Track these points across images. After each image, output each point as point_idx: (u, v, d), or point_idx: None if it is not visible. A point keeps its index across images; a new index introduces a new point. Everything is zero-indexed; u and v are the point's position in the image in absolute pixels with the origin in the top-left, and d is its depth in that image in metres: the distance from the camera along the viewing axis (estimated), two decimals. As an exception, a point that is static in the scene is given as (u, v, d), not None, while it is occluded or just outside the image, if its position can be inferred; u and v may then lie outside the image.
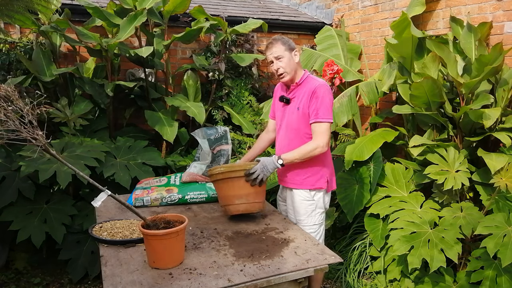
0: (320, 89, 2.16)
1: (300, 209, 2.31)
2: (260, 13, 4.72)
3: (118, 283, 1.52)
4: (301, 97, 2.22)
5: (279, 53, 2.19)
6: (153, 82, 3.97)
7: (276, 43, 2.20)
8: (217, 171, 2.08)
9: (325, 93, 2.16)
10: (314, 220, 2.33)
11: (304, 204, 2.31)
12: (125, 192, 2.95)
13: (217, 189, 2.18)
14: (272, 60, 2.22)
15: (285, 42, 2.21)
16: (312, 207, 2.31)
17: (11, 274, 3.13)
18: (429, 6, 3.53)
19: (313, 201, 2.32)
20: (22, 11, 2.75)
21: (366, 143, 3.26)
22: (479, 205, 2.70)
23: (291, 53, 2.21)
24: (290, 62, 2.21)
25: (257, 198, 2.12)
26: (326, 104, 2.15)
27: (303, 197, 2.31)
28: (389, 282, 3.00)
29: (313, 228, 2.33)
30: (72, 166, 1.56)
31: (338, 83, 3.62)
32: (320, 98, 2.15)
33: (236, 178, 2.07)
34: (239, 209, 2.09)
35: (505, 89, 2.71)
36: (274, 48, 2.19)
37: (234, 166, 2.09)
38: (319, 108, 2.14)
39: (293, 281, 1.67)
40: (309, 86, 2.21)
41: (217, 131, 2.61)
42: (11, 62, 3.45)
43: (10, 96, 1.39)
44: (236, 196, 2.08)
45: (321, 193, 2.33)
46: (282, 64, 2.19)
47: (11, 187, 2.95)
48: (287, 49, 2.20)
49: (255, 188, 2.10)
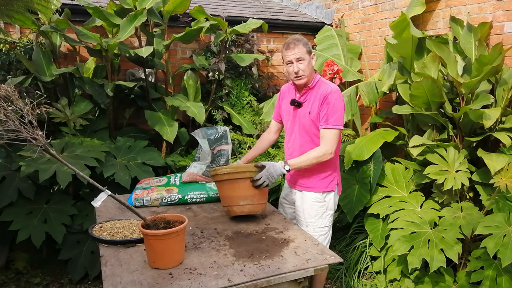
0: (332, 95, 2.14)
1: (312, 211, 2.31)
2: (260, 13, 4.72)
3: (118, 283, 1.52)
4: (313, 101, 2.20)
5: (301, 55, 2.13)
6: (153, 82, 3.97)
7: (299, 44, 2.13)
8: (223, 172, 2.06)
9: (337, 100, 2.14)
10: (324, 222, 2.33)
11: (316, 206, 2.31)
12: (125, 192, 2.94)
13: (220, 189, 2.17)
14: (291, 60, 2.16)
15: (306, 44, 2.16)
16: (323, 208, 2.32)
17: (11, 274, 3.13)
18: (429, 6, 3.53)
19: (324, 202, 2.32)
20: (22, 11, 2.75)
21: (366, 143, 3.26)
22: (479, 205, 2.70)
23: (310, 56, 2.19)
24: (309, 65, 2.18)
25: (261, 199, 2.13)
26: (336, 111, 2.13)
27: (315, 199, 2.31)
28: (389, 282, 3.00)
29: (324, 231, 2.34)
30: (72, 166, 1.56)
31: (338, 83, 3.62)
32: (331, 104, 2.13)
33: (241, 179, 2.05)
34: (244, 210, 2.09)
35: (505, 89, 2.71)
36: (297, 49, 2.13)
37: (240, 167, 2.08)
38: (329, 114, 2.13)
39: (293, 281, 1.67)
40: (321, 91, 2.18)
41: (217, 131, 2.61)
42: (11, 62, 3.45)
43: (10, 96, 1.39)
44: (241, 197, 2.07)
45: (331, 195, 2.34)
46: (302, 66, 2.15)
47: (11, 187, 2.95)
48: (307, 51, 2.16)
49: (259, 189, 2.10)
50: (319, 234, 2.33)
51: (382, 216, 2.94)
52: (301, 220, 2.37)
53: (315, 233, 2.30)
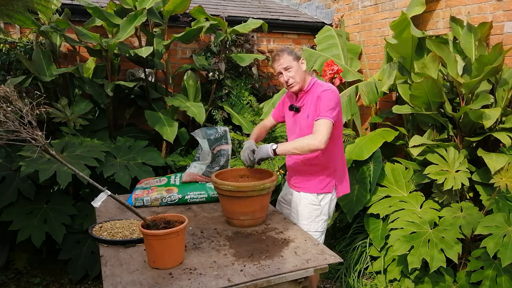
0: (325, 94, 2.16)
1: (305, 212, 2.29)
2: (260, 13, 4.72)
3: (118, 283, 1.52)
4: (309, 104, 2.22)
5: (288, 63, 2.17)
6: (153, 82, 3.97)
7: (283, 54, 2.18)
8: (224, 188, 2.03)
9: (330, 96, 2.15)
10: (317, 227, 2.31)
11: (310, 208, 2.29)
12: (125, 192, 2.94)
13: (221, 200, 2.16)
14: (280, 71, 2.21)
15: (291, 52, 2.20)
16: (317, 212, 2.29)
17: (11, 274, 3.13)
18: (429, 6, 3.53)
19: (319, 206, 2.29)
20: (22, 11, 2.75)
21: (366, 143, 3.26)
22: (479, 205, 2.70)
23: (299, 62, 2.21)
24: (299, 71, 2.20)
25: (261, 213, 2.13)
26: (328, 105, 2.13)
27: (310, 201, 2.29)
28: (389, 282, 3.00)
29: (315, 235, 2.30)
30: (72, 166, 1.56)
31: (338, 83, 3.62)
32: (322, 100, 2.15)
33: (243, 198, 2.03)
34: (244, 224, 2.09)
35: (505, 89, 2.71)
36: (282, 59, 2.18)
37: (241, 187, 2.04)
38: (321, 109, 2.14)
39: (293, 281, 1.67)
40: (316, 92, 2.20)
41: (217, 131, 2.61)
42: (11, 62, 3.45)
43: (10, 97, 1.38)
44: (242, 213, 2.07)
45: (328, 198, 2.32)
46: (291, 74, 2.18)
47: (11, 187, 2.95)
48: (294, 58, 2.19)
49: (260, 204, 2.09)
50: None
51: (382, 216, 2.94)
52: (293, 221, 2.34)
53: None
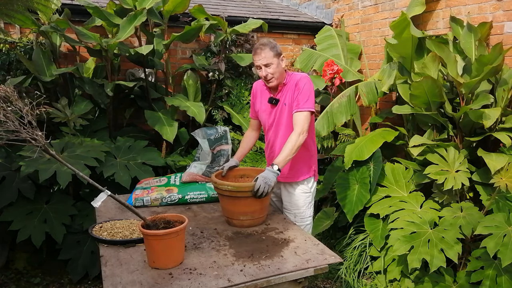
0: (301, 81, 2.25)
1: (300, 201, 2.40)
2: (260, 13, 4.72)
3: (118, 283, 1.52)
4: (286, 93, 2.30)
5: (268, 60, 2.21)
6: (153, 82, 3.97)
7: (265, 48, 2.21)
8: (224, 188, 2.04)
9: (306, 84, 2.24)
10: (310, 212, 2.45)
11: (303, 196, 2.41)
12: (125, 192, 2.94)
13: (221, 200, 2.16)
14: (259, 66, 2.24)
15: (273, 47, 2.23)
16: (309, 199, 2.44)
17: (11, 274, 3.13)
18: (429, 6, 3.53)
19: (310, 192, 2.43)
20: (22, 11, 2.75)
21: (366, 143, 3.26)
22: (479, 205, 2.70)
23: (279, 58, 2.25)
24: (278, 68, 2.25)
25: (261, 213, 2.14)
26: (305, 94, 2.22)
27: (302, 190, 2.40)
28: (389, 282, 3.00)
29: (309, 220, 2.45)
30: (72, 166, 1.56)
31: (338, 83, 3.62)
32: (300, 88, 2.23)
33: (243, 198, 2.04)
34: (244, 224, 2.09)
35: (505, 89, 2.71)
36: (264, 54, 2.20)
37: (241, 187, 2.05)
38: (300, 99, 2.22)
39: (293, 281, 1.67)
40: (292, 82, 2.28)
41: (217, 131, 2.61)
42: (11, 62, 3.45)
43: (10, 97, 1.38)
44: (242, 213, 2.07)
45: (312, 181, 2.44)
46: (270, 70, 2.23)
47: (11, 187, 2.95)
48: (275, 55, 2.22)
49: (260, 204, 2.09)
50: (305, 224, 2.42)
51: (382, 216, 2.94)
52: (287, 212, 2.44)
53: (302, 223, 2.39)
